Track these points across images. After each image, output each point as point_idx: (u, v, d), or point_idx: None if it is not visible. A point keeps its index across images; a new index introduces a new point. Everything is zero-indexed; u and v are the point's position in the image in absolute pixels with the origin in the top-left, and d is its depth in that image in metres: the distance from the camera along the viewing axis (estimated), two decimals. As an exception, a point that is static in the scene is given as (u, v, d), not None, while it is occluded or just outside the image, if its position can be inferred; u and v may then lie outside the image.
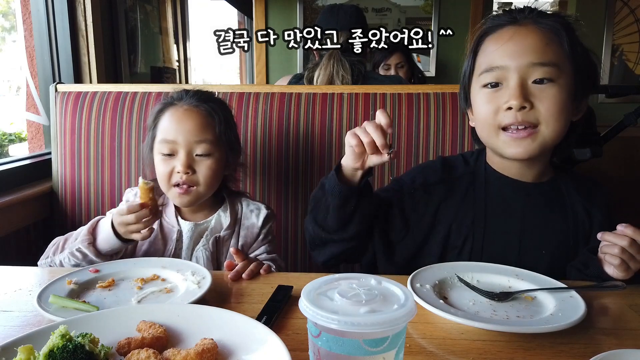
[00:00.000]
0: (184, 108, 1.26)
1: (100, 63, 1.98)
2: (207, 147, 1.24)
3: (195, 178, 1.24)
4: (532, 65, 1.01)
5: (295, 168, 1.61)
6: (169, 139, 1.23)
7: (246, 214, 1.36)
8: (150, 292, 0.93)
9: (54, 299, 0.84)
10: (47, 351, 0.60)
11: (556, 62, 1.01)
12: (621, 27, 3.97)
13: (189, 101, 1.28)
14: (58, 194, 1.65)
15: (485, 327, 0.76)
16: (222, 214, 1.34)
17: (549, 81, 1.01)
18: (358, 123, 1.57)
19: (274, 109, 1.60)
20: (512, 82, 1.02)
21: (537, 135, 1.03)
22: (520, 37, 1.03)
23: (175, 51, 3.07)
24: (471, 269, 0.99)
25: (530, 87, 1.02)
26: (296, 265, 1.63)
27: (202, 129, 1.25)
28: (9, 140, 2.22)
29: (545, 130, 1.02)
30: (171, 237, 1.29)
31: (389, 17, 3.92)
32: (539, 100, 1.01)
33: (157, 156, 1.27)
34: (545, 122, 1.02)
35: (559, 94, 1.01)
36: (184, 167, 1.22)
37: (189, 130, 1.23)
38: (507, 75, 1.03)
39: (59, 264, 1.19)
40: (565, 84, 1.02)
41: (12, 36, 2.11)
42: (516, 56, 1.02)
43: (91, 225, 1.20)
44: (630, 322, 0.84)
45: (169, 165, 1.24)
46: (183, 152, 1.23)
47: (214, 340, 0.67)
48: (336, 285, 0.60)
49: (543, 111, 1.01)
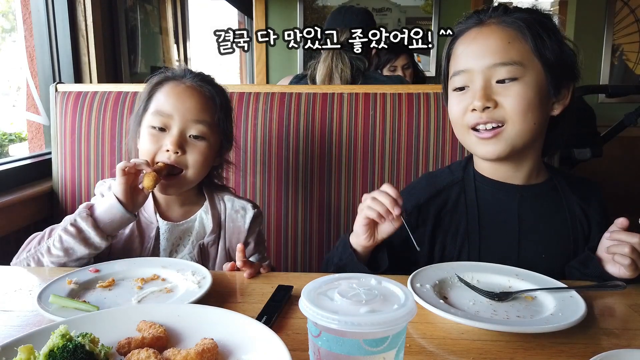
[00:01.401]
0: (186, 84, 1.20)
1: (100, 63, 1.98)
2: (204, 129, 1.17)
3: (184, 160, 1.15)
4: (494, 66, 1.02)
5: (295, 168, 1.61)
6: (164, 111, 1.15)
7: (231, 215, 1.27)
8: (151, 292, 0.93)
9: (54, 299, 0.84)
10: (48, 351, 0.60)
11: (519, 61, 1.01)
12: (621, 27, 3.96)
13: (191, 79, 1.22)
14: (58, 193, 1.65)
15: (485, 327, 0.76)
16: (204, 216, 1.26)
17: (513, 80, 1.01)
18: (358, 123, 1.57)
19: (274, 108, 1.60)
20: (477, 84, 1.03)
21: (502, 135, 1.03)
22: (482, 38, 1.05)
23: (175, 51, 3.08)
24: (471, 269, 0.99)
25: (495, 87, 1.03)
26: (296, 265, 1.63)
27: (202, 109, 1.18)
28: (9, 140, 2.22)
29: (511, 128, 1.03)
30: (149, 233, 1.21)
31: (389, 17, 3.92)
32: (503, 98, 1.02)
33: (145, 130, 1.17)
34: (511, 121, 1.02)
35: (524, 91, 1.01)
36: (175, 146, 1.13)
37: (188, 108, 1.16)
38: (472, 78, 1.04)
39: (46, 250, 1.08)
40: (531, 81, 1.02)
41: (13, 36, 2.11)
42: (478, 58, 1.04)
43: (87, 204, 1.12)
44: (630, 322, 0.84)
45: (157, 141, 1.15)
46: (177, 128, 1.15)
47: (214, 340, 0.67)
48: (336, 285, 0.60)
49: (508, 110, 1.02)
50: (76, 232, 1.06)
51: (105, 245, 1.09)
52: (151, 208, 1.23)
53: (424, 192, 1.17)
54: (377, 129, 1.56)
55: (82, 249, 1.07)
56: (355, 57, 2.00)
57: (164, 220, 1.23)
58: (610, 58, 3.98)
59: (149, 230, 1.22)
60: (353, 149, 1.58)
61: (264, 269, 1.05)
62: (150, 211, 1.23)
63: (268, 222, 1.61)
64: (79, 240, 1.06)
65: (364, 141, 1.57)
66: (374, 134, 1.57)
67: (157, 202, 1.25)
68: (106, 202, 1.10)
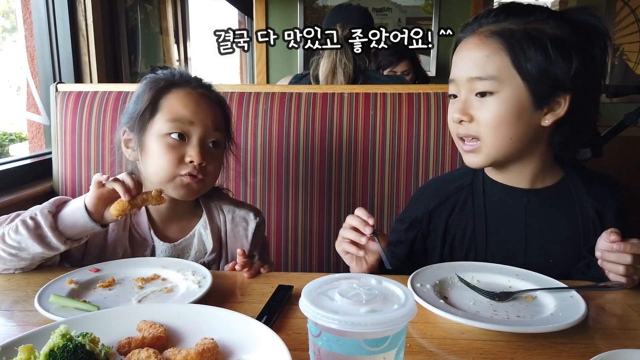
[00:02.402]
0: (199, 91, 1.14)
1: (100, 63, 1.98)
2: (220, 136, 1.14)
3: (206, 170, 1.10)
4: (473, 79, 1.02)
5: (295, 167, 1.61)
6: (184, 118, 1.08)
7: (232, 230, 1.19)
8: (151, 291, 0.93)
9: (54, 299, 0.84)
10: (48, 351, 0.60)
11: (495, 75, 0.99)
12: (621, 27, 3.96)
13: (198, 85, 1.16)
14: (58, 193, 1.65)
15: (485, 327, 0.76)
16: (202, 232, 1.18)
17: (489, 94, 1.00)
18: (358, 123, 1.57)
19: (274, 108, 1.60)
20: (461, 95, 1.05)
21: (479, 149, 1.04)
22: (466, 50, 1.05)
23: (175, 51, 3.07)
24: (471, 269, 0.99)
25: (474, 101, 1.03)
26: (296, 265, 1.63)
27: (217, 116, 1.14)
28: (10, 140, 2.22)
29: (485, 144, 1.03)
30: (142, 252, 1.13)
31: (389, 17, 3.92)
32: (479, 112, 1.02)
33: (159, 140, 1.08)
34: (485, 136, 1.03)
35: (498, 107, 1.00)
36: (200, 157, 1.06)
37: (208, 115, 1.11)
38: (459, 88, 1.05)
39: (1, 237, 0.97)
40: (507, 96, 0.99)
41: (13, 36, 2.11)
42: (461, 70, 1.04)
43: (59, 198, 1.02)
44: (630, 322, 0.84)
45: (178, 151, 1.07)
46: (197, 137, 1.08)
47: (214, 340, 0.67)
48: (336, 285, 0.60)
49: (482, 125, 1.02)
50: (34, 227, 0.95)
51: (64, 249, 0.99)
52: (145, 225, 1.15)
53: (434, 198, 1.17)
54: (377, 129, 1.56)
55: (36, 246, 0.95)
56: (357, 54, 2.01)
57: (159, 239, 1.15)
58: (610, 58, 3.98)
59: (142, 249, 1.14)
60: (353, 149, 1.58)
61: (264, 269, 1.05)
62: (145, 228, 1.15)
63: (268, 222, 1.61)
64: (34, 236, 0.95)
65: (364, 141, 1.57)
66: (374, 133, 1.57)
67: (150, 217, 1.17)
68: (76, 203, 0.99)
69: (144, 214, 1.16)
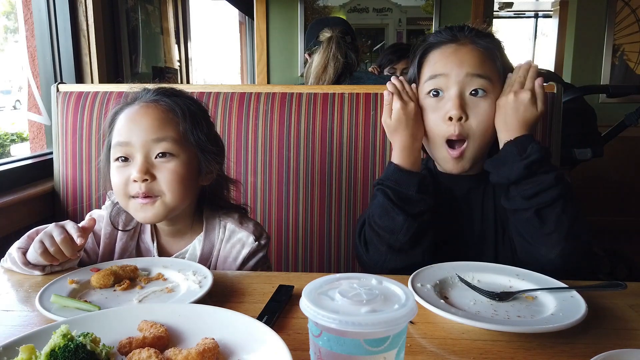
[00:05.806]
0: (140, 105, 1.08)
1: (101, 63, 1.98)
2: (168, 145, 1.04)
3: (157, 186, 1.03)
4: (471, 76, 1.07)
5: (295, 167, 1.61)
6: (122, 140, 1.05)
7: (224, 250, 1.15)
8: (152, 291, 0.93)
9: (55, 299, 0.84)
10: (49, 351, 0.60)
11: (490, 76, 1.09)
12: (622, 27, 3.96)
13: (146, 97, 1.10)
14: (59, 193, 1.66)
15: (486, 327, 0.76)
16: (197, 246, 1.16)
17: (483, 94, 1.07)
18: (358, 123, 1.57)
19: (275, 108, 1.60)
20: (452, 91, 1.08)
21: (466, 153, 1.09)
22: (461, 53, 1.10)
23: (176, 51, 3.08)
24: (472, 269, 0.99)
25: (467, 99, 1.08)
26: (297, 265, 1.63)
27: (161, 125, 1.05)
28: (11, 140, 2.22)
29: (471, 145, 1.08)
30: None
31: (389, 17, 3.93)
32: (472, 112, 1.07)
33: (112, 165, 1.07)
34: (474, 137, 1.08)
35: (490, 108, 1.08)
36: (141, 173, 1.01)
37: (145, 128, 1.04)
38: (448, 84, 1.09)
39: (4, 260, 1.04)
40: (494, 99, 1.09)
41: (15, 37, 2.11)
42: (457, 66, 1.09)
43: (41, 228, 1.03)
44: (630, 322, 0.84)
45: (125, 173, 1.04)
46: (140, 155, 1.03)
47: (215, 340, 0.67)
48: (337, 285, 0.60)
49: (473, 125, 1.08)
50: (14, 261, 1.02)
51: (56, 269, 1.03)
52: (149, 237, 1.17)
53: None
54: (377, 129, 1.57)
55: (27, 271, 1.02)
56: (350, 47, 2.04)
57: (159, 250, 1.17)
58: (611, 58, 3.98)
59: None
60: (353, 149, 1.58)
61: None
62: (148, 239, 1.17)
63: (269, 222, 1.61)
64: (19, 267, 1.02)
65: (365, 141, 1.57)
66: (374, 133, 1.57)
67: (156, 230, 1.18)
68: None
69: (149, 226, 1.18)
